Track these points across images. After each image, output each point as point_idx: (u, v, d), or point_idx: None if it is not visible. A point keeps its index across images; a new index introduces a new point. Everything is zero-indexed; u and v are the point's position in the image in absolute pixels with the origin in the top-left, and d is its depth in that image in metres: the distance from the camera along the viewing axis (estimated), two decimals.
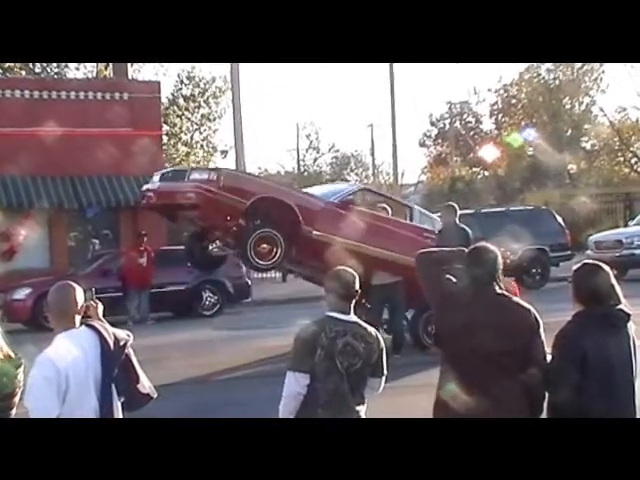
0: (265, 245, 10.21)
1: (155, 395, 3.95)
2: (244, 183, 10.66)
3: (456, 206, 11.06)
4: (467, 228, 10.64)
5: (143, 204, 11.79)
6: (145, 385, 3.91)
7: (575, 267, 3.98)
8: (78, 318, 3.83)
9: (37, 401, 3.61)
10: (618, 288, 3.87)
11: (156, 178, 11.17)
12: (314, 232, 10.52)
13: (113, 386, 3.76)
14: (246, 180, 11.02)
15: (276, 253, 10.20)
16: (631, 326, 3.88)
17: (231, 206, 10.18)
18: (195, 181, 10.37)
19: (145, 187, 11.65)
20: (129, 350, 3.86)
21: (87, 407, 3.68)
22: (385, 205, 11.90)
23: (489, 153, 37.17)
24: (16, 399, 3.82)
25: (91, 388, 3.70)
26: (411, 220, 11.85)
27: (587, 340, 3.75)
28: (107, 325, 3.88)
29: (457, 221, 10.75)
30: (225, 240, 11.38)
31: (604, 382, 3.72)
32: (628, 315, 3.86)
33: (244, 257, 10.39)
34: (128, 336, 3.89)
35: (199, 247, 11.64)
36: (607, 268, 3.90)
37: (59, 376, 3.62)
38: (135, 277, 15.73)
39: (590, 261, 4.03)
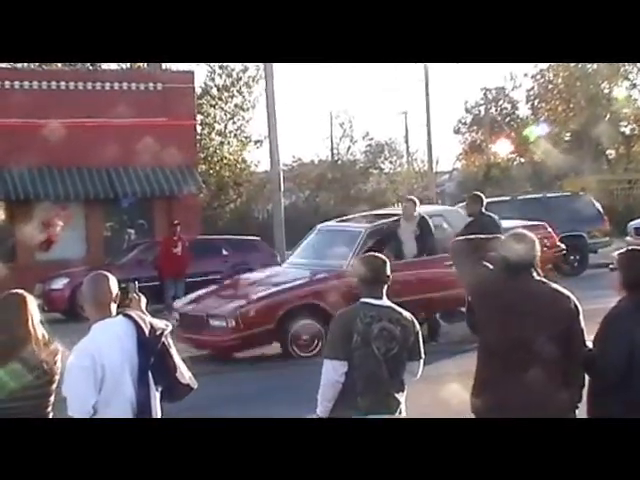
0: (306, 337, 10.07)
1: (196, 386, 3.90)
2: (264, 307, 10.31)
3: (482, 195, 10.73)
4: (493, 215, 10.43)
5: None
6: (185, 375, 3.87)
7: (620, 253, 3.92)
8: (114, 307, 3.84)
9: (74, 389, 3.65)
10: None
11: (176, 316, 10.64)
12: None
13: (150, 375, 3.75)
14: (265, 304, 10.41)
15: (317, 344, 9.89)
16: None
17: (259, 332, 10.08)
18: (215, 330, 10.19)
19: (170, 322, 11.51)
20: (168, 340, 3.84)
21: (123, 396, 3.70)
22: (412, 197, 11.74)
23: (503, 147, 36.69)
24: (54, 386, 3.88)
25: (127, 377, 3.71)
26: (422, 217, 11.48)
27: (634, 325, 3.69)
28: (145, 315, 3.88)
29: (483, 209, 10.47)
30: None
31: None
32: None
33: (285, 349, 10.21)
34: (166, 326, 3.88)
35: None
36: None
37: (95, 365, 3.64)
38: (170, 266, 15.79)
39: (635, 247, 3.96)
